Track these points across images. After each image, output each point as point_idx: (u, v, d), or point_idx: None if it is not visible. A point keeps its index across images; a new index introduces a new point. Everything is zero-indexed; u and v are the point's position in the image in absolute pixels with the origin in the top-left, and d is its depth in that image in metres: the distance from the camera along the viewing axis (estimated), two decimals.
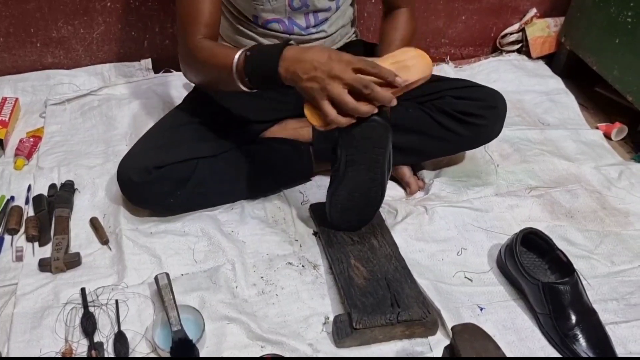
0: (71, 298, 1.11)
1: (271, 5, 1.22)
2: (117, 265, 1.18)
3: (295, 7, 1.23)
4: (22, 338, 1.04)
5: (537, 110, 1.71)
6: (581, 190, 1.40)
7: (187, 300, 1.11)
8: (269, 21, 1.24)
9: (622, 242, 1.27)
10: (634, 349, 1.06)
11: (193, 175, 1.24)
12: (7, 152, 1.46)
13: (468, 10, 1.88)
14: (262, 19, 1.24)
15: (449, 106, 1.28)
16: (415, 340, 1.07)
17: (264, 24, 1.24)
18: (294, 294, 1.14)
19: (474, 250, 1.25)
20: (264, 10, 1.23)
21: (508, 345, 1.06)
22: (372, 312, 1.05)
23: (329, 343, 1.06)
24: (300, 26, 1.26)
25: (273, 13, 1.24)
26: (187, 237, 1.24)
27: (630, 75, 1.58)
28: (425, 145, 1.31)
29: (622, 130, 1.62)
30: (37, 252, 1.20)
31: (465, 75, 1.77)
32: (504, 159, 1.49)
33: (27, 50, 1.68)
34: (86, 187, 1.36)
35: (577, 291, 1.08)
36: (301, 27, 1.26)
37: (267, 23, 1.24)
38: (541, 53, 1.92)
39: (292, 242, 1.26)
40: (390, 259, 1.17)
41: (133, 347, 1.04)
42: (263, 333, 1.05)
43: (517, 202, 1.35)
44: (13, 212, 1.27)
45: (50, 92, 1.65)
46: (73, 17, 1.65)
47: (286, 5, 1.22)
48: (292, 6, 1.22)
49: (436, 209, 1.31)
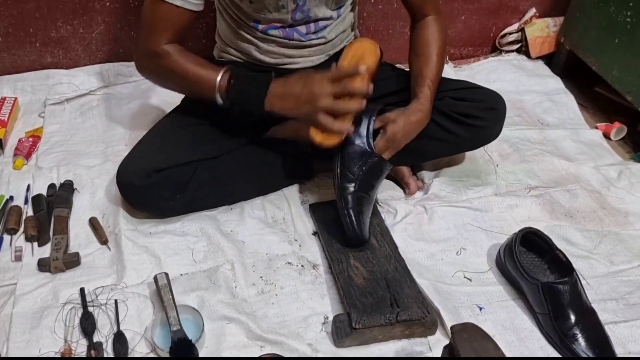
0: (70, 298, 1.11)
1: (274, 17, 1.22)
2: (116, 265, 1.18)
3: (298, 19, 1.23)
4: (21, 338, 1.04)
5: (537, 110, 1.71)
6: (580, 190, 1.40)
7: (186, 300, 1.11)
8: (270, 27, 1.24)
9: (622, 242, 1.28)
10: (633, 348, 1.06)
11: (193, 178, 1.23)
12: (6, 151, 1.46)
13: (467, 10, 1.88)
14: (263, 25, 1.24)
15: (448, 108, 1.28)
16: (415, 340, 1.07)
17: (264, 29, 1.24)
18: (293, 294, 1.14)
19: (474, 250, 1.25)
20: (266, 19, 1.22)
21: (507, 345, 1.06)
22: (372, 312, 1.05)
23: (328, 343, 1.06)
24: (301, 32, 1.26)
25: (274, 22, 1.24)
26: (187, 237, 1.24)
27: (630, 75, 1.58)
28: (424, 147, 1.31)
29: (621, 130, 1.62)
30: (36, 252, 1.20)
31: (465, 75, 1.77)
32: (504, 158, 1.49)
33: (26, 49, 1.68)
34: (85, 187, 1.35)
35: (576, 291, 1.08)
36: (301, 33, 1.26)
37: (267, 29, 1.24)
38: (540, 53, 1.92)
39: (292, 242, 1.25)
40: (390, 259, 1.17)
41: (132, 347, 1.04)
42: (262, 333, 1.05)
43: (517, 202, 1.35)
44: (12, 212, 1.27)
45: (49, 92, 1.65)
46: (72, 16, 1.65)
47: (289, 18, 1.22)
48: (294, 19, 1.22)
49: (435, 209, 1.31)
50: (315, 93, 1.12)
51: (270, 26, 1.24)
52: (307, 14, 1.22)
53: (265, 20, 1.23)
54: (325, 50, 1.33)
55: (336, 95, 1.12)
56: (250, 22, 1.24)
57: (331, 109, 1.12)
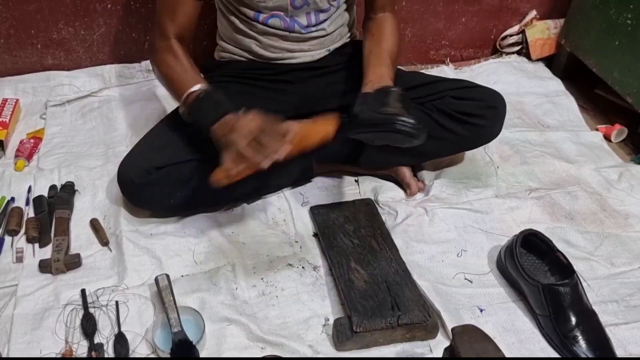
0: (71, 299, 1.11)
1: (273, 3, 1.22)
2: (117, 266, 1.18)
3: (297, 5, 1.23)
4: (22, 339, 1.04)
5: (537, 112, 1.71)
6: (581, 192, 1.40)
7: (187, 301, 1.11)
8: (271, 17, 1.25)
9: (622, 244, 1.28)
10: (634, 350, 1.06)
11: (193, 177, 1.24)
12: (8, 153, 1.46)
13: (468, 12, 1.88)
14: (264, 15, 1.24)
15: (448, 106, 1.28)
16: (416, 342, 1.07)
17: (264, 20, 1.25)
18: (294, 296, 1.15)
19: (474, 252, 1.25)
20: (265, 7, 1.23)
21: (508, 347, 1.06)
22: (373, 315, 1.05)
23: (329, 345, 1.06)
24: (301, 24, 1.26)
25: (275, 11, 1.24)
26: (187, 238, 1.25)
27: (630, 77, 1.58)
28: (425, 146, 1.31)
29: (622, 132, 1.62)
30: (38, 254, 1.20)
31: (465, 77, 1.77)
32: (504, 160, 1.49)
33: (27, 51, 1.68)
34: (86, 188, 1.36)
35: (577, 293, 1.08)
36: (302, 25, 1.27)
37: (268, 19, 1.25)
38: (541, 55, 1.92)
39: (293, 244, 1.26)
40: (391, 262, 1.17)
41: (133, 348, 1.04)
42: (263, 334, 1.06)
43: (517, 203, 1.35)
44: (13, 213, 1.27)
45: (50, 94, 1.65)
46: (73, 18, 1.65)
47: (288, 4, 1.22)
48: (294, 5, 1.23)
49: (436, 210, 1.31)
50: (241, 126, 1.03)
51: (270, 15, 1.24)
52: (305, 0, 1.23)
53: (266, 10, 1.23)
54: (325, 44, 1.33)
55: (256, 142, 1.02)
56: (251, 13, 1.24)
57: (236, 147, 1.02)
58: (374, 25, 1.32)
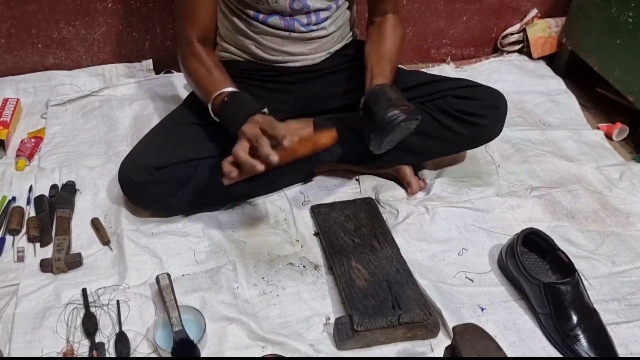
0: (72, 298, 1.11)
1: (271, 6, 1.22)
2: (118, 265, 1.18)
3: (296, 8, 1.23)
4: (23, 339, 1.04)
5: (538, 110, 1.71)
6: (582, 191, 1.40)
7: (188, 300, 1.11)
8: (271, 16, 1.25)
9: (623, 243, 1.27)
10: (635, 349, 1.06)
11: (194, 176, 1.24)
12: (9, 152, 1.46)
13: (469, 10, 1.88)
14: (263, 14, 1.24)
15: (450, 106, 1.28)
16: (417, 341, 1.07)
17: (264, 19, 1.25)
18: (295, 295, 1.15)
19: (475, 251, 1.25)
20: (265, 9, 1.23)
21: (509, 346, 1.06)
22: (374, 314, 1.05)
23: (329, 343, 1.06)
24: (302, 23, 1.26)
25: (274, 12, 1.24)
26: (188, 237, 1.25)
27: (631, 75, 1.58)
28: (426, 145, 1.32)
29: (623, 131, 1.62)
30: (39, 253, 1.20)
31: (466, 76, 1.76)
32: (505, 159, 1.49)
33: (28, 51, 1.68)
34: (87, 187, 1.36)
35: (578, 291, 1.08)
36: (302, 23, 1.27)
37: (267, 18, 1.25)
38: (542, 53, 1.92)
39: (293, 243, 1.26)
40: (392, 261, 1.17)
41: (134, 347, 1.04)
42: (264, 333, 1.06)
43: (518, 202, 1.35)
44: (14, 212, 1.27)
45: (51, 93, 1.66)
46: (74, 18, 1.65)
47: (287, 7, 1.22)
48: (292, 8, 1.23)
49: (437, 209, 1.31)
50: (250, 126, 1.07)
51: (271, 15, 1.24)
52: (304, 2, 1.23)
53: (266, 10, 1.24)
54: (326, 47, 1.33)
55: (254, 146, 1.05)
56: (251, 13, 1.24)
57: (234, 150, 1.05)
58: (374, 29, 1.33)
